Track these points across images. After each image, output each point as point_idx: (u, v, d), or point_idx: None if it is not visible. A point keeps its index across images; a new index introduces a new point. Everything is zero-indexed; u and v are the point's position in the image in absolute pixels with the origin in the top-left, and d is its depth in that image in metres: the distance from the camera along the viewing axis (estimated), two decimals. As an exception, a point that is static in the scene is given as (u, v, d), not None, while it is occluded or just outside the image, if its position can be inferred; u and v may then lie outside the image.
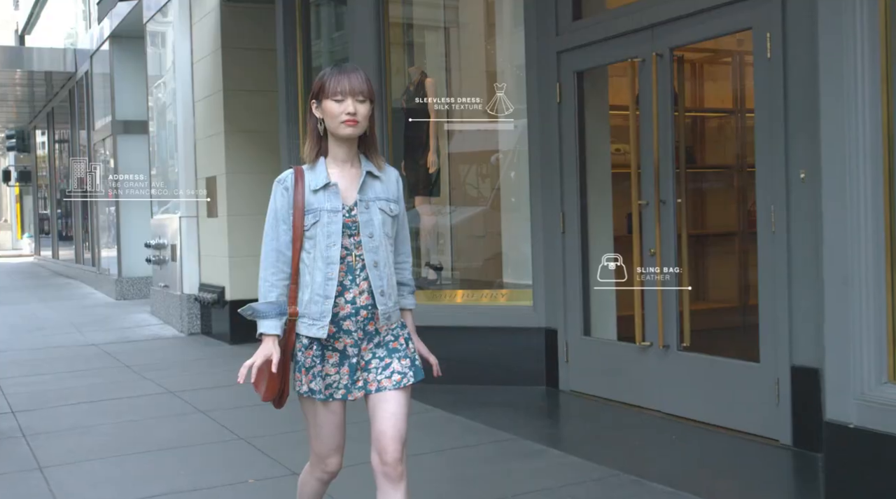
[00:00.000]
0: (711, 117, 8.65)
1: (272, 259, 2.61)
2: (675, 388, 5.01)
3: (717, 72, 8.50)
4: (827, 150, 3.22)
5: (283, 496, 3.94)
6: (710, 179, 8.29)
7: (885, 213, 3.10)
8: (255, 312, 2.60)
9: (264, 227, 2.67)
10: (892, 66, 3.11)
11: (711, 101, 8.52)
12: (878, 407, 3.02)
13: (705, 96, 8.45)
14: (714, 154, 8.52)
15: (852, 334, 3.11)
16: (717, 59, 8.25)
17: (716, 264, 8.10)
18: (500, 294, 6.67)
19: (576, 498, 3.74)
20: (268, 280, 2.61)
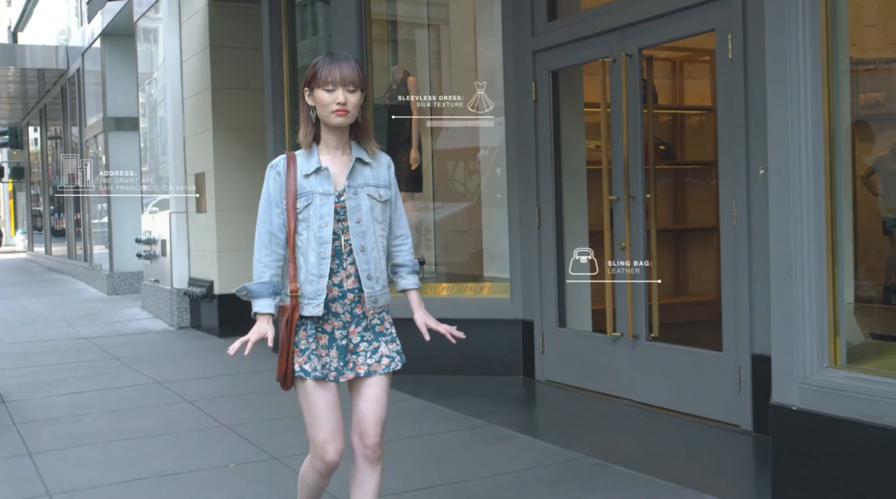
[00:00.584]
0: (691, 115, 8.82)
1: (265, 241, 2.69)
2: (644, 377, 5.19)
3: (697, 70, 8.67)
4: (772, 148, 3.40)
5: (261, 479, 4.12)
6: (690, 175, 8.46)
7: (827, 209, 3.27)
8: (249, 292, 2.67)
9: (258, 210, 2.73)
10: (833, 67, 3.28)
11: (691, 98, 8.69)
12: (819, 390, 3.20)
13: (685, 94, 8.62)
14: (694, 151, 8.69)
15: (796, 323, 3.29)
16: (696, 57, 8.41)
17: (696, 259, 8.28)
18: (481, 287, 6.85)
19: (540, 479, 3.91)
20: (261, 261, 2.69)
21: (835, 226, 3.27)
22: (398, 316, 2.85)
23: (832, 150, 3.27)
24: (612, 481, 3.85)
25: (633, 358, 5.27)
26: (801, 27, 3.23)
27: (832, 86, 3.27)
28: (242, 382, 6.42)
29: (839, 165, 3.31)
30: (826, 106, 3.24)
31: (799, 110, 3.24)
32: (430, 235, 7.93)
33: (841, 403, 3.12)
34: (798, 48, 3.24)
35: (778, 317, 3.37)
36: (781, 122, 3.31)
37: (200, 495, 3.92)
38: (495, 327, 6.20)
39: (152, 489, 4.01)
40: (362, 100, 2.65)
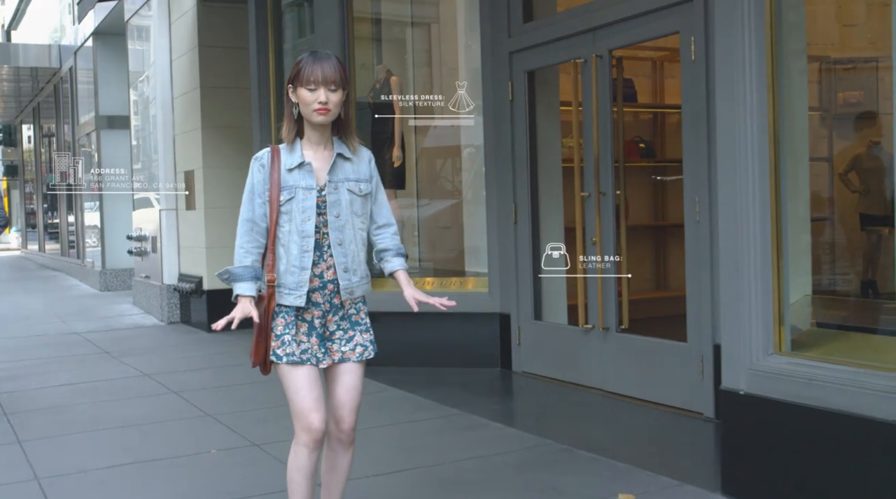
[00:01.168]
0: (672, 113, 8.98)
1: (247, 228, 2.78)
2: (614, 368, 5.37)
3: (677, 69, 8.82)
4: (720, 148, 3.57)
5: (241, 464, 4.29)
6: (670, 172, 8.63)
7: (772, 206, 3.44)
8: (231, 275, 2.77)
9: (242, 200, 2.82)
10: (778, 70, 3.45)
11: (672, 97, 8.85)
12: (764, 375, 3.38)
13: (666, 93, 8.79)
14: (674, 148, 8.86)
15: (743, 313, 3.46)
16: (676, 57, 8.55)
17: (675, 255, 8.45)
18: (465, 282, 7.02)
19: (507, 463, 4.09)
20: (243, 247, 2.78)
21: (780, 222, 3.44)
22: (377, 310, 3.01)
23: (777, 149, 3.44)
24: (575, 464, 4.04)
25: (603, 349, 5.45)
26: (747, 31, 3.40)
27: (777, 88, 3.43)
28: (227, 374, 6.59)
29: (784, 164, 3.47)
30: (770, 108, 3.41)
31: (745, 112, 3.41)
32: (414, 232, 8.10)
33: (784, 387, 3.30)
34: (744, 52, 3.41)
35: (727, 307, 3.55)
36: (729, 123, 3.49)
37: (182, 478, 4.09)
38: (474, 321, 6.37)
39: (135, 473, 4.18)
40: (344, 97, 2.74)
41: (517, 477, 3.91)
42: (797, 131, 4.41)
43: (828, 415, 3.12)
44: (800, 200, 4.44)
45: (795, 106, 4.34)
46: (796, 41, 4.35)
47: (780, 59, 3.50)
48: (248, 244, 2.78)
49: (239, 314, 2.72)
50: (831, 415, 3.11)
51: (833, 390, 3.11)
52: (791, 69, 4.11)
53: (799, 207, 4.40)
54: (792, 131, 4.21)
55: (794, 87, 4.28)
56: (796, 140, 4.33)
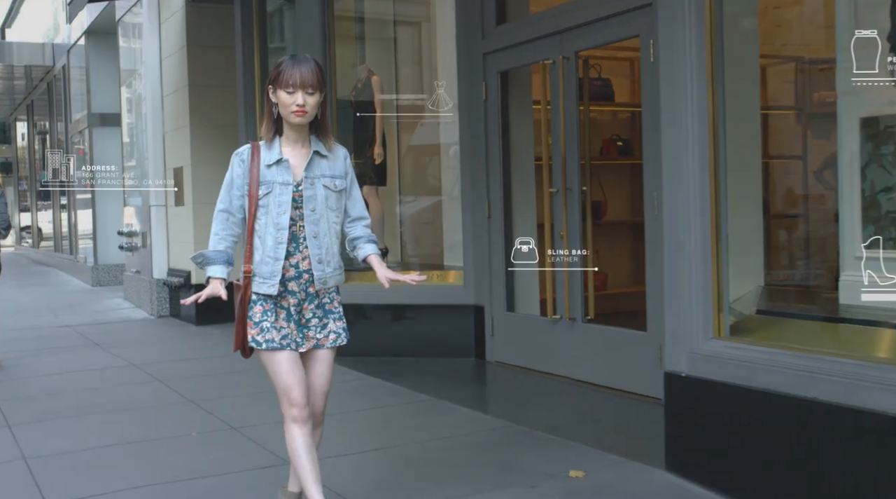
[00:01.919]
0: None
1: (223, 218, 3.00)
2: (580, 356, 5.60)
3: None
4: (665, 145, 3.81)
5: (219, 445, 4.53)
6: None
7: (711, 195, 3.67)
8: (204, 258, 2.97)
9: (220, 191, 3.04)
10: (716, 70, 3.67)
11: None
12: (703, 358, 3.61)
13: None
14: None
15: (685, 298, 3.71)
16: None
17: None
18: (439, 275, 7.25)
19: (469, 443, 4.33)
20: (217, 234, 2.99)
21: (719, 217, 3.66)
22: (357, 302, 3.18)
23: (715, 142, 3.66)
24: (532, 444, 4.28)
25: (570, 339, 5.69)
26: (689, 35, 3.63)
27: (716, 87, 3.66)
28: (212, 364, 6.82)
29: (723, 162, 3.70)
30: (710, 108, 3.64)
31: (686, 112, 3.65)
32: (396, 227, 8.34)
33: (722, 369, 3.53)
34: (685, 54, 3.64)
35: (670, 296, 3.79)
36: (672, 122, 3.73)
37: (162, 458, 4.32)
38: (450, 312, 6.62)
39: (118, 454, 4.41)
40: (321, 100, 2.91)
41: (477, 455, 4.15)
42: (748, 130, 4.66)
43: (757, 394, 3.36)
44: (750, 197, 4.69)
45: (746, 106, 4.59)
46: (749, 45, 4.60)
47: (730, 61, 3.72)
48: (222, 231, 2.99)
49: (207, 292, 2.94)
50: (760, 394, 3.35)
51: (760, 371, 3.35)
52: (742, 71, 4.35)
53: (750, 203, 4.65)
54: (743, 130, 4.47)
55: (745, 88, 4.53)
56: (747, 139, 4.57)
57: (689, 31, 3.64)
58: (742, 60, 4.39)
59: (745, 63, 4.50)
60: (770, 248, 7.28)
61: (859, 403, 2.99)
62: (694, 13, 3.64)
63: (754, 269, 4.74)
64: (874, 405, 2.94)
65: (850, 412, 3.02)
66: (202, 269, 3.01)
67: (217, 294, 2.94)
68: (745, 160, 4.52)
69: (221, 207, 3.01)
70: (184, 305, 2.98)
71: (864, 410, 2.97)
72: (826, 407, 3.10)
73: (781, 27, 6.52)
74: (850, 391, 3.02)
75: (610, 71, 8.34)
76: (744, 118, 4.50)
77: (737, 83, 4.16)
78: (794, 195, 7.40)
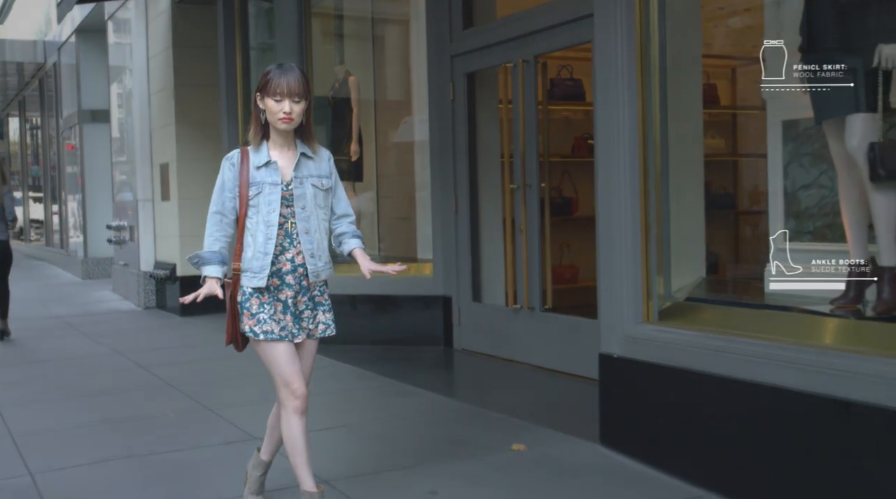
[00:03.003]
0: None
1: (216, 220, 3.15)
2: (539, 343, 5.93)
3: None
4: (599, 143, 4.14)
5: (194, 422, 4.85)
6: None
7: (640, 194, 3.98)
8: (200, 258, 3.11)
9: (213, 195, 3.17)
10: (646, 77, 3.99)
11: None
12: (633, 340, 3.94)
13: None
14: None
15: (617, 287, 4.03)
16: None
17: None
18: (412, 267, 7.57)
19: (424, 422, 4.66)
20: (212, 235, 3.14)
21: (647, 212, 3.98)
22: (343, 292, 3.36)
23: (645, 146, 3.99)
24: (483, 422, 4.61)
25: (529, 327, 6.02)
26: (620, 41, 3.95)
27: (646, 95, 3.98)
28: (193, 352, 7.15)
29: (651, 159, 4.02)
30: (640, 110, 3.96)
31: (617, 113, 3.97)
32: (373, 222, 8.66)
33: (649, 350, 3.86)
34: (617, 59, 3.96)
35: (604, 284, 4.13)
36: (605, 123, 4.05)
37: (140, 434, 4.63)
38: (421, 303, 6.95)
39: (99, 430, 4.73)
40: (306, 107, 3.11)
41: (431, 433, 4.48)
42: (689, 131, 4.97)
43: (677, 372, 3.69)
44: (693, 194, 5.01)
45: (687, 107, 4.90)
46: (691, 49, 4.90)
47: (672, 65, 4.04)
48: (216, 233, 3.15)
49: (205, 291, 3.09)
50: (680, 372, 3.68)
51: (680, 351, 3.68)
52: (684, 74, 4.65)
53: (692, 200, 4.97)
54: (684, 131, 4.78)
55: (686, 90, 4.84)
56: (688, 139, 4.88)
57: (621, 41, 3.96)
58: (683, 64, 4.69)
59: (687, 67, 4.80)
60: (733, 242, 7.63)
61: (763, 378, 3.32)
62: (625, 24, 3.96)
63: (696, 262, 5.07)
64: (776, 381, 3.27)
65: (754, 387, 3.35)
66: (198, 269, 3.14)
67: (214, 293, 3.08)
68: (687, 159, 4.83)
69: (214, 208, 3.17)
70: (183, 302, 3.13)
71: (766, 385, 3.30)
72: (734, 383, 3.43)
73: (752, 29, 6.82)
74: (756, 368, 3.35)
75: (581, 71, 8.65)
76: (685, 119, 4.81)
77: (678, 86, 4.47)
78: (759, 193, 7.70)
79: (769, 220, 4.51)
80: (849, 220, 3.69)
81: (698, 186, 5.14)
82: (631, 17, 3.95)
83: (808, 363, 3.18)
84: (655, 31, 4.01)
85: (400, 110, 8.33)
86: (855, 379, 3.00)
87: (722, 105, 7.75)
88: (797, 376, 3.19)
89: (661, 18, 4.01)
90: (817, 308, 3.76)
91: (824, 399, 3.09)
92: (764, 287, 4.42)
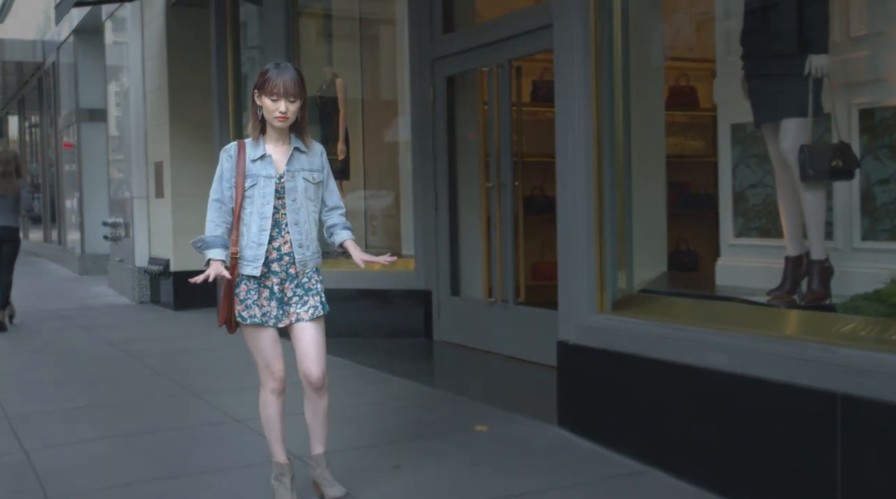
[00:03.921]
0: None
1: (216, 207, 3.29)
2: (512, 334, 6.22)
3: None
4: (558, 147, 4.40)
5: (180, 408, 5.13)
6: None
7: (595, 193, 4.26)
8: (203, 242, 3.25)
9: (212, 184, 3.31)
10: (601, 84, 4.27)
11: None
12: (587, 328, 4.22)
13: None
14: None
15: (573, 280, 4.32)
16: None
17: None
18: (408, 263, 7.84)
19: (395, 407, 4.95)
20: (213, 221, 3.29)
21: (602, 211, 4.25)
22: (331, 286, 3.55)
23: (600, 149, 4.26)
24: (450, 406, 4.90)
25: (503, 319, 6.30)
26: (577, 51, 4.23)
27: (601, 100, 4.26)
28: (184, 344, 7.42)
29: (607, 161, 4.29)
30: (595, 115, 4.24)
31: (575, 120, 4.25)
32: (360, 219, 8.94)
33: (602, 338, 4.14)
34: (573, 68, 4.25)
35: (563, 276, 4.40)
36: (563, 127, 4.33)
37: (128, 417, 4.92)
38: (402, 296, 7.23)
39: (90, 413, 5.01)
40: (301, 105, 3.26)
41: (401, 416, 4.76)
42: (652, 133, 5.25)
43: (626, 357, 3.97)
44: (655, 193, 5.30)
45: (650, 111, 5.19)
46: (653, 55, 5.19)
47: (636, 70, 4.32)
48: (217, 218, 3.30)
49: (213, 272, 3.21)
50: (628, 357, 3.96)
51: (629, 338, 3.96)
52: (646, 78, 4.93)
53: (654, 198, 5.26)
54: (646, 134, 5.07)
55: (648, 94, 5.12)
56: (650, 142, 5.17)
57: (577, 49, 4.24)
58: (644, 70, 4.97)
59: (648, 72, 5.09)
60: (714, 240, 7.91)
61: (697, 361, 3.60)
62: (581, 33, 4.24)
63: (658, 257, 5.37)
64: (707, 363, 3.55)
65: (690, 370, 3.63)
66: (202, 252, 3.26)
67: (221, 273, 3.22)
68: (648, 161, 5.12)
69: (214, 196, 3.32)
70: (194, 283, 3.27)
71: (700, 367, 3.58)
72: (675, 367, 3.71)
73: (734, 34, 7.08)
74: (690, 351, 3.63)
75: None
76: (645, 122, 5.09)
77: (639, 91, 4.74)
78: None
79: (720, 218, 4.80)
80: (785, 217, 3.98)
81: (660, 187, 5.44)
82: (586, 28, 4.23)
83: (737, 348, 3.46)
84: (617, 38, 4.29)
85: (387, 110, 8.61)
86: (779, 362, 3.28)
87: (702, 107, 8.00)
88: (728, 359, 3.47)
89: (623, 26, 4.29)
90: (757, 298, 4.05)
91: (752, 380, 3.37)
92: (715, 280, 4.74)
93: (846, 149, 3.68)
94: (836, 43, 3.93)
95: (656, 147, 5.32)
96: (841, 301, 3.69)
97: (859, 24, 3.96)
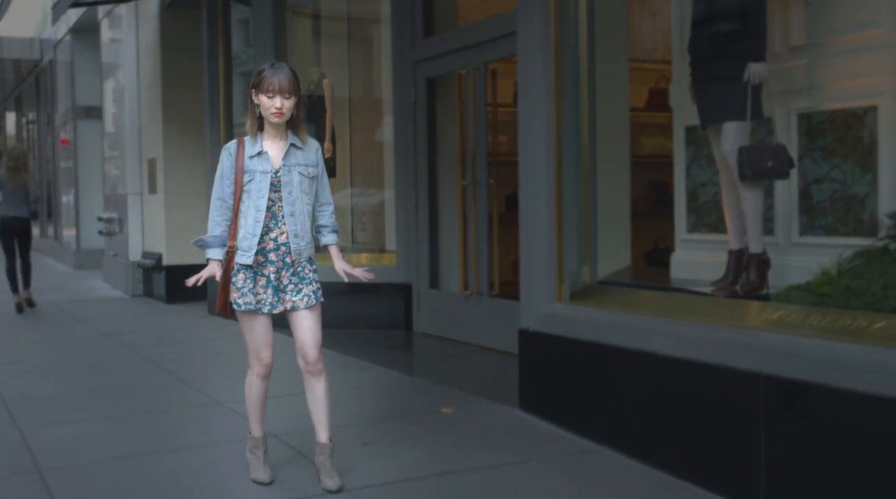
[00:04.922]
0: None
1: (217, 205, 3.48)
2: (486, 325, 6.52)
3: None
4: (521, 146, 4.70)
5: (168, 394, 5.42)
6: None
7: (554, 189, 4.56)
8: (204, 242, 3.47)
9: (214, 182, 3.50)
10: (561, 87, 4.55)
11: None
12: (546, 317, 4.52)
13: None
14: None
15: (534, 271, 4.61)
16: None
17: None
18: (381, 258, 8.15)
19: (373, 393, 5.25)
20: (214, 220, 3.49)
21: (561, 207, 4.55)
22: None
23: (559, 147, 4.56)
24: (424, 392, 5.20)
25: (479, 311, 6.60)
26: (538, 53, 4.52)
27: (560, 104, 4.55)
28: (174, 334, 7.71)
29: (568, 160, 4.59)
30: (554, 115, 4.53)
31: (535, 121, 4.55)
32: (346, 215, 9.22)
33: (559, 326, 4.44)
34: (534, 75, 4.54)
35: (525, 269, 4.70)
36: (525, 126, 4.63)
37: (119, 401, 5.21)
38: (385, 290, 7.53)
39: (82, 398, 5.30)
40: (296, 102, 3.43)
41: (377, 400, 5.06)
42: (616, 134, 5.53)
43: (581, 343, 4.27)
44: (619, 190, 5.58)
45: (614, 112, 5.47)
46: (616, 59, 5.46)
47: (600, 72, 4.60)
48: (218, 218, 3.50)
49: (207, 273, 3.49)
50: (582, 343, 4.26)
51: (583, 325, 4.26)
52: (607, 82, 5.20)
53: (618, 195, 5.54)
54: (611, 134, 5.35)
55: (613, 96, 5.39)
56: (615, 142, 5.45)
57: (538, 54, 4.53)
58: (608, 73, 5.24)
59: (612, 75, 5.36)
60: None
61: (642, 346, 3.90)
62: (542, 39, 4.53)
63: (622, 252, 5.65)
64: (652, 348, 3.85)
65: (638, 354, 3.93)
66: (202, 250, 3.51)
67: (214, 274, 3.48)
68: (612, 160, 5.41)
69: (216, 195, 3.51)
70: (188, 285, 3.52)
71: (646, 352, 3.88)
72: (623, 352, 4.01)
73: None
74: (636, 337, 3.93)
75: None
76: (609, 123, 5.37)
77: (605, 92, 5.02)
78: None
79: (674, 214, 5.09)
80: (728, 213, 4.28)
81: (624, 184, 5.71)
82: (546, 33, 4.52)
83: (678, 334, 3.76)
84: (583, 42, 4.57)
85: (373, 110, 8.89)
86: (713, 346, 3.57)
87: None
88: (670, 344, 3.77)
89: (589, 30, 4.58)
90: (703, 290, 4.34)
91: (691, 363, 3.66)
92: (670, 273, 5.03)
93: (781, 150, 3.96)
94: (776, 52, 4.22)
95: (620, 147, 5.60)
96: (776, 291, 3.98)
97: (799, 35, 4.24)
